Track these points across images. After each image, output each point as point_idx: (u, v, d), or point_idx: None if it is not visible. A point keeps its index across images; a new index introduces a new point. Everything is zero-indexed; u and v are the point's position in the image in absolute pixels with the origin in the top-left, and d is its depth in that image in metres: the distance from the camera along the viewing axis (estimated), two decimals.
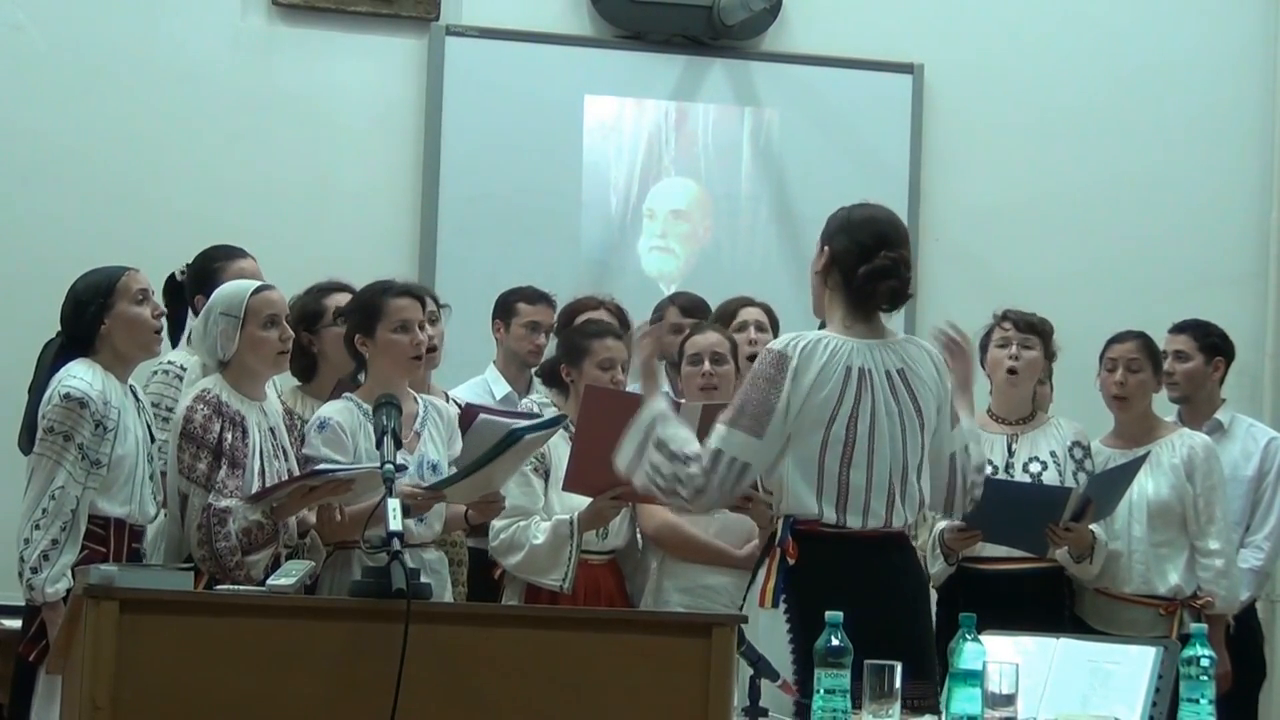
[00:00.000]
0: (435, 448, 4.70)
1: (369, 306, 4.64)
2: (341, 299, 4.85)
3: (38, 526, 4.22)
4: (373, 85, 6.69)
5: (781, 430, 3.83)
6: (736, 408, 3.87)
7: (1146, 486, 5.18)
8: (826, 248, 3.99)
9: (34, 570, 4.21)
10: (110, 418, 4.32)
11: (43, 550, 4.21)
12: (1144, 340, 5.36)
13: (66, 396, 4.28)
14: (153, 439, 4.50)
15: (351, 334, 4.66)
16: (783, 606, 3.87)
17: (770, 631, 3.79)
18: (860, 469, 3.85)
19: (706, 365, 4.99)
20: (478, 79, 6.72)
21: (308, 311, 4.92)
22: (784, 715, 3.62)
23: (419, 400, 4.77)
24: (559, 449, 4.86)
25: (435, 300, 5.18)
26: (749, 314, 5.55)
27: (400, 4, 6.68)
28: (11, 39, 6.42)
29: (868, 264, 3.91)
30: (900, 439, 3.89)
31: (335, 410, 4.61)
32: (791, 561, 3.88)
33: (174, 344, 4.91)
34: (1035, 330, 5.23)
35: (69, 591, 4.13)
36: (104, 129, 6.42)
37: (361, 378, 4.69)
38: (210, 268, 4.98)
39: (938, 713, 3.69)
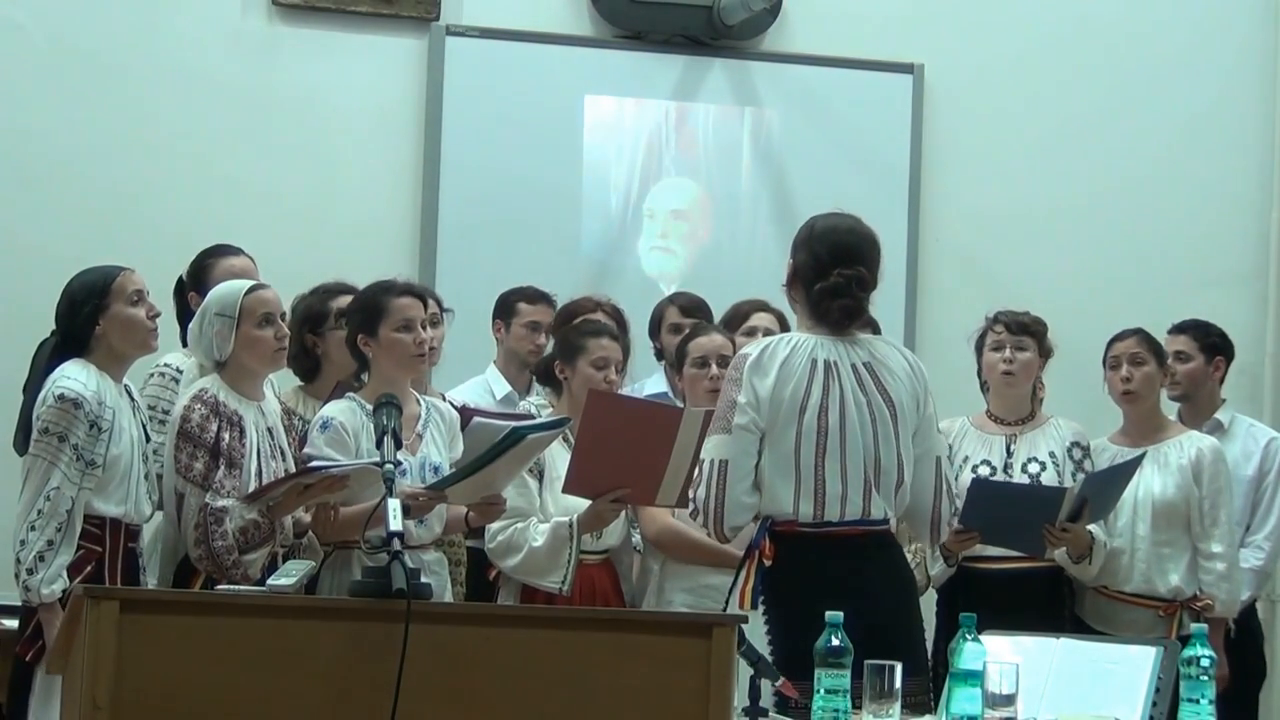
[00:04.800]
0: (437, 449, 4.70)
1: (371, 306, 4.64)
2: (346, 301, 4.85)
3: (33, 527, 4.22)
4: (373, 85, 6.68)
5: (747, 422, 3.85)
6: (713, 417, 3.94)
7: (1153, 486, 5.18)
8: (791, 262, 4.02)
9: (29, 571, 4.20)
10: (105, 418, 4.31)
11: (38, 551, 4.20)
12: (1143, 334, 5.37)
13: (61, 397, 4.27)
14: (147, 439, 4.50)
15: (354, 334, 4.65)
16: (761, 608, 3.89)
17: (751, 635, 3.78)
18: (834, 459, 3.87)
19: (713, 368, 4.98)
20: (478, 79, 6.71)
21: (313, 313, 4.93)
22: (780, 714, 3.63)
23: (421, 402, 4.76)
24: (553, 450, 4.85)
25: (438, 303, 5.18)
26: (761, 320, 5.47)
27: (400, 4, 6.68)
28: (11, 39, 6.42)
29: (823, 281, 3.93)
30: (871, 429, 3.91)
31: (338, 410, 4.61)
32: (768, 563, 3.89)
33: (184, 344, 4.91)
34: (1028, 331, 5.22)
35: (65, 592, 4.14)
36: (104, 129, 6.41)
37: (364, 378, 4.69)
38: (202, 265, 5.00)
39: (933, 710, 3.69)
